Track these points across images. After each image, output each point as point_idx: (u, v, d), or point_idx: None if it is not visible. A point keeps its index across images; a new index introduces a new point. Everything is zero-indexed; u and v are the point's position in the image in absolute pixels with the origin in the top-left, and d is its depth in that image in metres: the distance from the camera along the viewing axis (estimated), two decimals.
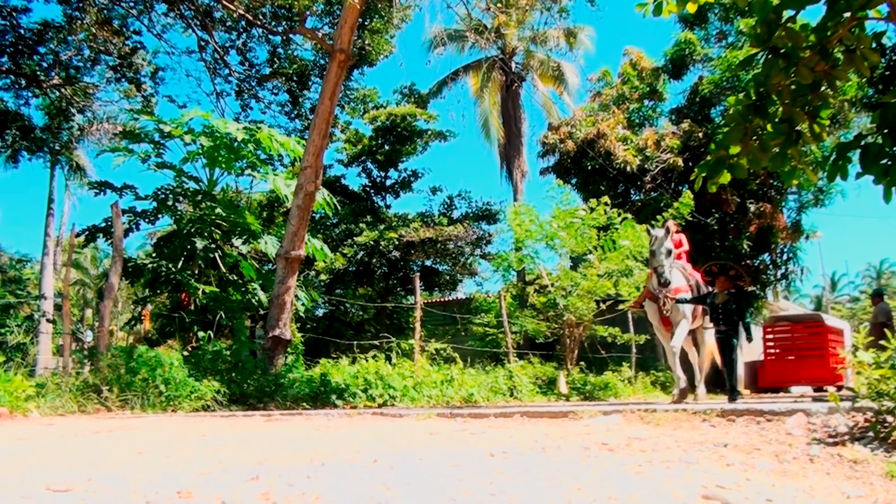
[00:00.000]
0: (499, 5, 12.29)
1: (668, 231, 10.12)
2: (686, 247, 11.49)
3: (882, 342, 3.50)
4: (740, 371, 11.05)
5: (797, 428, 3.20)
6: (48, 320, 15.52)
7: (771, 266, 22.38)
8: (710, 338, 11.13)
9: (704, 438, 2.91)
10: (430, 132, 23.91)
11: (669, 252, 10.01)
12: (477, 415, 4.14)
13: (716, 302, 10.14)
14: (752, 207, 20.48)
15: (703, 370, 11.44)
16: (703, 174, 5.36)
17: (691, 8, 5.18)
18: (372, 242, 21.01)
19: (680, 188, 19.70)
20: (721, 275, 10.30)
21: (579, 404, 9.46)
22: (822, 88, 4.81)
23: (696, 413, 3.45)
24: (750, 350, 23.41)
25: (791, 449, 2.82)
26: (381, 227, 21.65)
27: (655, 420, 3.42)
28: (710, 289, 10.56)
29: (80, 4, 14.14)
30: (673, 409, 3.58)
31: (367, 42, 13.99)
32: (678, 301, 10.14)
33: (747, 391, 21.76)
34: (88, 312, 42.39)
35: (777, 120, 4.95)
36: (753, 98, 4.98)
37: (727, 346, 10.03)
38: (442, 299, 26.67)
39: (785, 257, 22.39)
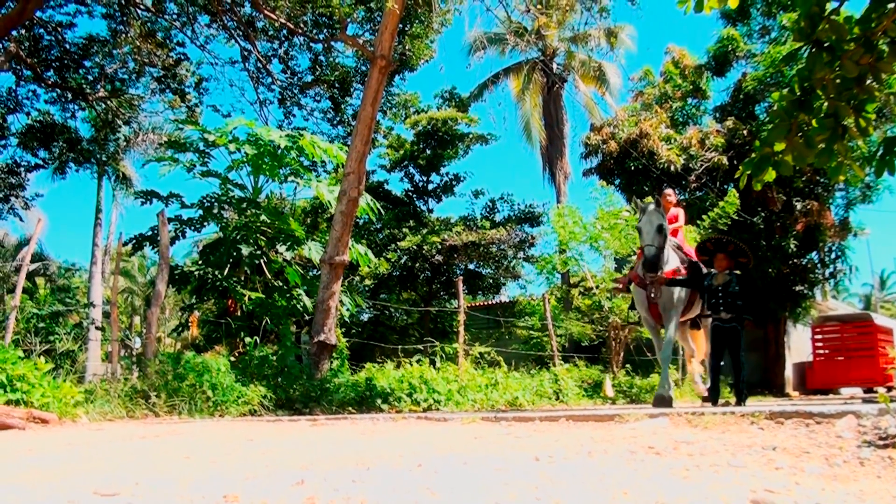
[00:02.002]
0: (539, 7, 12.28)
1: (659, 203, 8.87)
2: (682, 222, 10.20)
3: None
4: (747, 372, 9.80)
5: (847, 430, 3.14)
6: (97, 328, 15.76)
7: (819, 265, 22.02)
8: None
9: (753, 442, 2.87)
10: (471, 136, 23.95)
11: (661, 229, 8.64)
12: (522, 418, 4.12)
13: (714, 284, 8.83)
14: (799, 205, 20.20)
15: (697, 365, 11.01)
16: (749, 172, 5.29)
17: (733, 3, 5.12)
18: (415, 247, 21.07)
19: (725, 187, 19.48)
20: (718, 251, 8.86)
21: (625, 407, 9.35)
22: (868, 82, 4.73)
23: (744, 416, 3.40)
24: (798, 351, 23.07)
25: (841, 452, 2.77)
26: (424, 231, 21.70)
27: (703, 423, 3.37)
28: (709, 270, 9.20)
29: (124, 18, 14.37)
30: (721, 411, 3.54)
31: (407, 47, 14.03)
32: (668, 283, 8.91)
33: (796, 393, 21.44)
34: (136, 319, 43.05)
35: (822, 115, 4.87)
36: (798, 93, 4.91)
37: (733, 339, 8.74)
38: (485, 303, 26.66)
39: (833, 256, 22.02)
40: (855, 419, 3.27)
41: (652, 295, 9.01)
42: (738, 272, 8.87)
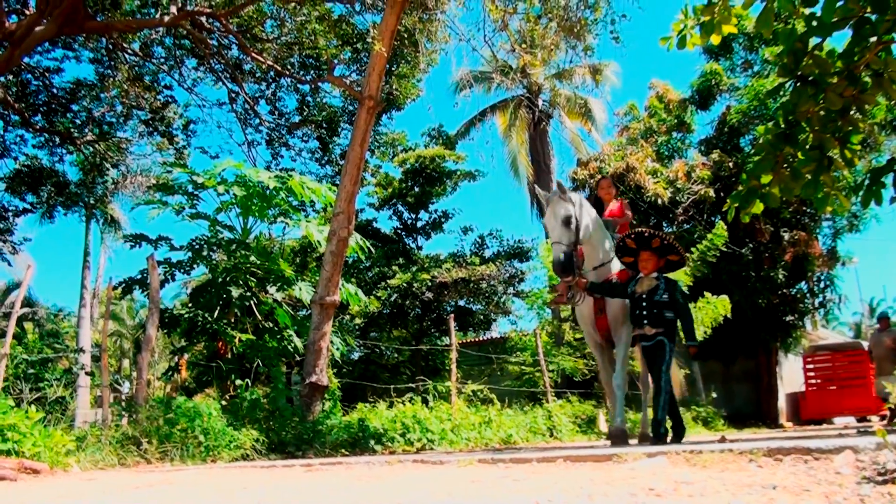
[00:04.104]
0: (523, 46, 12.39)
1: (563, 190, 7.45)
2: (628, 215, 8.68)
3: None
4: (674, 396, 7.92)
5: (846, 466, 3.13)
6: (87, 373, 15.64)
7: (808, 295, 22.12)
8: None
9: (753, 480, 2.86)
10: (459, 173, 24.06)
11: (568, 221, 7.25)
12: (519, 459, 4.10)
13: (637, 291, 7.31)
14: (787, 236, 20.33)
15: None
16: (736, 205, 5.34)
17: (715, 40, 5.21)
18: (405, 284, 21.05)
19: (713, 219, 19.58)
20: (644, 249, 7.31)
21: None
22: (852, 113, 4.81)
23: (742, 453, 3.39)
24: (791, 381, 23.07)
25: (841, 489, 2.76)
26: (414, 268, 21.70)
27: (702, 462, 3.36)
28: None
29: (112, 62, 14.44)
30: (718, 449, 3.53)
31: (394, 87, 14.13)
32: (590, 289, 7.52)
33: (789, 423, 21.40)
34: (125, 363, 42.74)
35: (808, 147, 4.95)
36: (783, 126, 4.98)
37: (656, 358, 7.19)
38: (476, 339, 26.60)
39: (822, 285, 22.15)
40: (853, 454, 3.26)
41: (578, 300, 7.82)
42: (668, 276, 7.48)
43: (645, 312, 7.17)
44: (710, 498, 2.59)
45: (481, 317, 24.63)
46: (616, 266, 7.78)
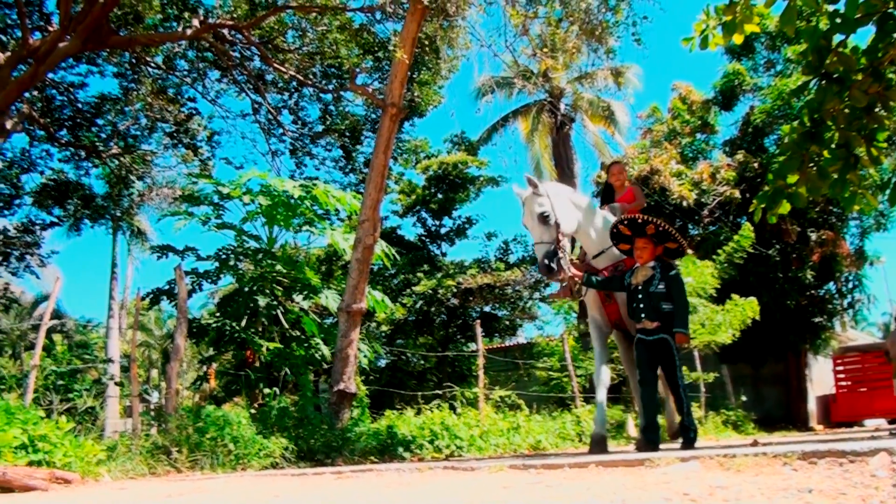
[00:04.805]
0: (545, 50, 12.37)
1: (533, 186, 7.14)
2: (641, 202, 8.17)
3: None
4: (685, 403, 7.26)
5: (881, 469, 3.09)
6: (116, 383, 15.77)
7: (836, 295, 21.87)
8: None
9: (788, 484, 2.83)
10: (482, 179, 24.04)
11: (545, 218, 6.95)
12: (550, 465, 4.08)
13: (633, 283, 6.87)
14: (814, 236, 20.11)
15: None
16: (763, 205, 5.30)
17: (738, 39, 5.17)
18: (430, 291, 21.07)
19: (739, 220, 19.45)
20: (639, 236, 6.83)
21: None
22: (877, 110, 4.76)
23: (776, 456, 3.36)
24: (821, 383, 22.82)
25: (877, 492, 2.72)
26: (439, 275, 21.71)
27: (735, 466, 3.33)
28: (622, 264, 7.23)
29: (136, 76, 14.56)
30: (752, 452, 3.49)
31: (416, 94, 14.15)
32: (585, 284, 7.21)
33: (820, 426, 21.16)
34: (154, 373, 43.03)
35: (833, 146, 4.90)
36: (808, 125, 4.94)
37: (663, 356, 6.75)
38: (503, 345, 26.55)
39: (850, 286, 21.87)
40: (888, 456, 3.22)
41: (583, 294, 7.45)
42: (666, 264, 6.94)
43: (642, 305, 6.74)
44: (746, 502, 2.57)
45: (507, 322, 24.60)
46: (606, 260, 7.34)
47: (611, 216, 7.51)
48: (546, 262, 6.87)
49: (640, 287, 6.75)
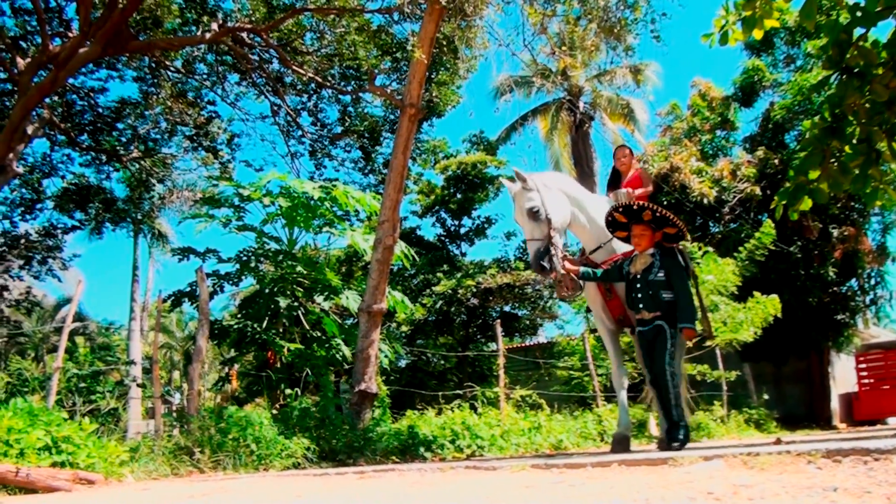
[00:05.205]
0: (563, 49, 12.34)
1: (521, 180, 6.83)
2: (648, 187, 7.78)
3: None
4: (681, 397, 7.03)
5: None
6: (138, 385, 15.88)
7: (859, 292, 21.67)
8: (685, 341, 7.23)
9: (812, 483, 2.80)
10: (501, 178, 24.02)
11: (535, 214, 6.67)
12: (573, 465, 4.07)
13: (631, 272, 6.58)
14: (836, 232, 19.93)
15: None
16: (784, 202, 5.26)
17: (758, 35, 5.14)
18: (450, 291, 21.04)
19: (760, 217, 19.29)
20: (636, 223, 6.52)
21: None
22: None
23: (800, 455, 3.34)
24: (844, 381, 22.62)
25: None
26: (458, 275, 21.68)
27: (759, 464, 3.31)
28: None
29: (155, 80, 14.67)
30: (776, 451, 3.47)
31: (434, 94, 14.15)
32: (583, 277, 6.86)
33: (843, 425, 20.98)
34: (176, 374, 43.30)
35: (855, 141, 4.87)
36: (829, 120, 4.91)
37: (656, 346, 6.35)
38: (523, 344, 26.50)
39: (872, 282, 21.66)
40: None
41: (581, 287, 7.08)
42: (667, 249, 6.61)
43: (640, 295, 6.41)
44: (770, 501, 2.55)
45: (527, 322, 24.54)
46: (621, 244, 6.97)
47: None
48: (538, 261, 6.63)
49: (638, 276, 6.45)
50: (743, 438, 13.87)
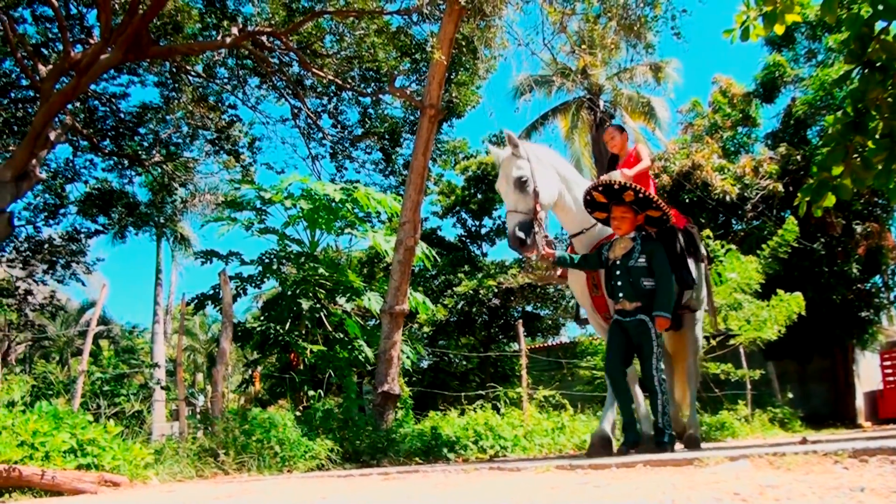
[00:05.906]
0: (583, 47, 12.29)
1: (514, 145, 6.31)
2: (647, 162, 7.16)
3: None
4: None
5: None
6: (162, 387, 15.98)
7: (883, 289, 21.45)
8: (698, 333, 7.10)
9: (839, 483, 2.78)
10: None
11: (522, 184, 6.10)
12: (597, 465, 4.05)
13: (610, 258, 6.09)
14: (859, 228, 19.73)
15: (687, 392, 7.53)
16: (807, 198, 5.23)
17: (779, 30, 5.11)
18: (471, 292, 21.04)
19: (783, 214, 19.14)
20: (617, 204, 6.02)
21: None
22: None
23: (826, 455, 3.30)
24: (868, 379, 22.40)
25: None
26: (480, 275, 21.68)
27: (785, 464, 3.28)
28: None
29: (176, 85, 14.77)
30: (802, 451, 3.44)
31: (454, 95, 14.14)
32: (558, 264, 6.40)
33: (868, 423, 20.77)
34: (199, 377, 43.56)
35: (878, 135, 4.82)
36: (851, 115, 4.87)
37: (640, 341, 5.89)
38: (545, 344, 26.44)
39: None
40: None
41: (555, 273, 6.52)
42: (649, 234, 6.18)
43: (619, 283, 5.92)
44: (797, 501, 2.53)
45: (549, 321, 24.50)
46: (606, 230, 6.41)
47: None
48: (518, 232, 5.97)
49: (618, 261, 5.96)
50: (768, 438, 13.76)
